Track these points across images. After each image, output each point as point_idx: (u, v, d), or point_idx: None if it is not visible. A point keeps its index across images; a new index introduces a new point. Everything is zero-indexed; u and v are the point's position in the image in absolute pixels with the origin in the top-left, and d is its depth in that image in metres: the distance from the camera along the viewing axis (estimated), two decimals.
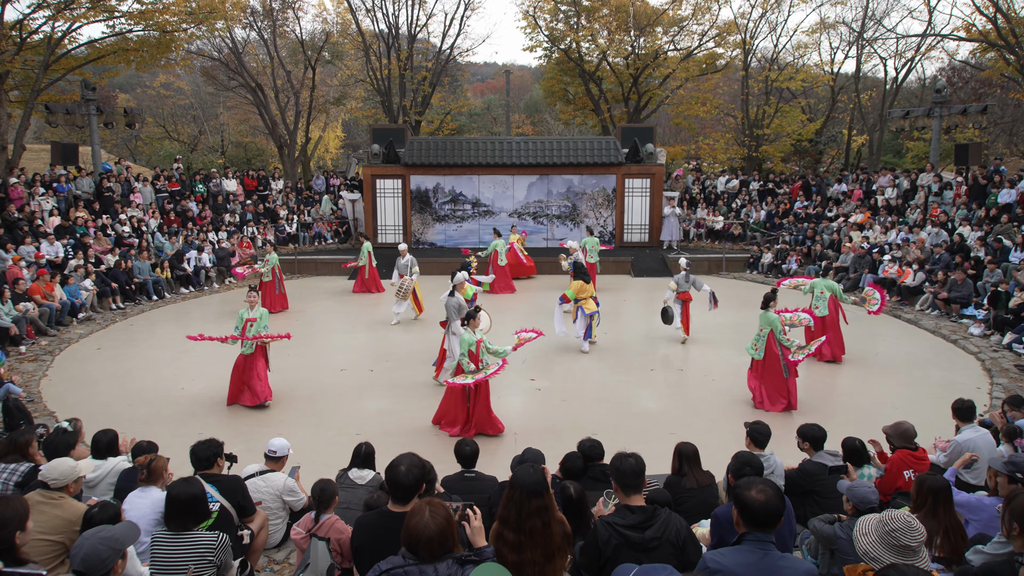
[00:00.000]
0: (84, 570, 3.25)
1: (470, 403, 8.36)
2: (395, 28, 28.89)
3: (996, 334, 12.15)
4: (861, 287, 16.31)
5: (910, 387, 10.18)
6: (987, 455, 5.67)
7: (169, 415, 9.19)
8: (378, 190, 20.90)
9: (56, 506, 4.24)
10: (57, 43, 19.19)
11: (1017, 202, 15.76)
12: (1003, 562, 3.40)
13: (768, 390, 9.20)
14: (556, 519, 3.48)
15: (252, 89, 28.16)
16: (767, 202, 22.18)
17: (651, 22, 27.88)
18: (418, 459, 3.71)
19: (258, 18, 28.12)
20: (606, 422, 8.74)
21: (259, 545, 5.22)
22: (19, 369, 10.80)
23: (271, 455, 5.80)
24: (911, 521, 3.06)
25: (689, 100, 29.02)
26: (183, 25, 21.28)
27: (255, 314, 9.48)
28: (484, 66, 55.63)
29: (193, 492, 3.99)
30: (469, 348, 8.37)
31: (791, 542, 4.46)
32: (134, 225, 17.98)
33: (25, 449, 5.42)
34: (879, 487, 5.63)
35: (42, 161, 23.68)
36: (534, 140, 21.68)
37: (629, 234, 21.15)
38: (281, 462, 5.84)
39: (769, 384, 9.20)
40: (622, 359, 11.62)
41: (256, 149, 37.78)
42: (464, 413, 8.41)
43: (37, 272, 13.66)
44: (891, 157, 33.93)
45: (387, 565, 3.02)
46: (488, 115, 44.50)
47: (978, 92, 28.38)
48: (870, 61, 32.06)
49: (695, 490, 5.21)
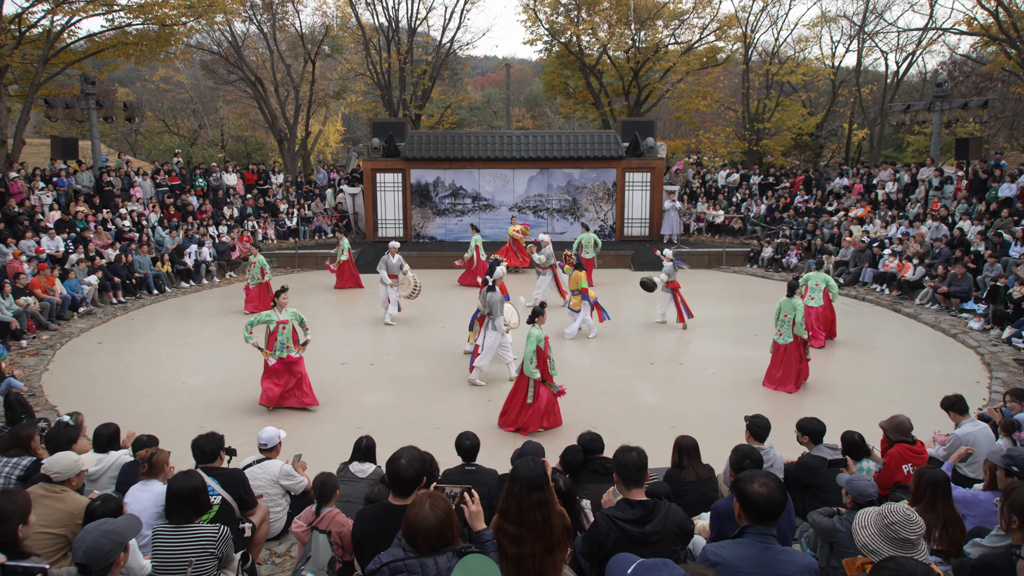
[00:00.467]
0: (86, 563, 3.26)
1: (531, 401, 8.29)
2: (395, 22, 28.83)
3: (996, 328, 12.16)
4: (863, 282, 16.36)
5: (910, 381, 10.19)
6: (986, 449, 5.68)
7: (170, 409, 9.21)
8: (378, 184, 20.88)
9: (58, 500, 4.25)
10: (56, 37, 19.15)
11: (1017, 196, 15.75)
12: (1001, 555, 3.41)
13: (784, 373, 9.68)
14: (556, 512, 3.50)
15: (252, 83, 28.12)
16: (767, 196, 22.16)
17: (652, 15, 27.82)
18: (419, 452, 3.72)
19: (257, 12, 28.07)
20: (606, 416, 8.76)
21: (260, 538, 5.24)
22: (20, 363, 10.81)
23: (263, 447, 5.86)
24: (910, 514, 3.08)
25: (690, 94, 28.98)
26: (182, 19, 21.22)
27: (286, 316, 8.97)
28: (484, 60, 55.43)
29: (193, 485, 4.01)
30: (537, 344, 8.22)
31: (790, 535, 4.48)
32: (134, 219, 17.98)
33: (27, 443, 5.44)
34: (878, 481, 5.65)
35: (42, 155, 23.67)
36: (534, 134, 21.65)
37: (629, 228, 21.14)
38: (275, 450, 5.88)
39: (786, 367, 9.67)
40: (622, 353, 11.64)
41: (256, 143, 37.75)
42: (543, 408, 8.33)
43: (38, 267, 13.67)
44: (892, 151, 33.90)
45: (388, 557, 3.03)
46: (488, 109, 44.41)
47: (979, 86, 28.34)
48: (871, 55, 32.00)
49: (695, 483, 5.22)
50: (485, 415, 8.90)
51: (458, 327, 13.22)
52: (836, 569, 4.04)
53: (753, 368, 10.68)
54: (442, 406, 9.26)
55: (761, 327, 13.12)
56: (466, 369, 10.79)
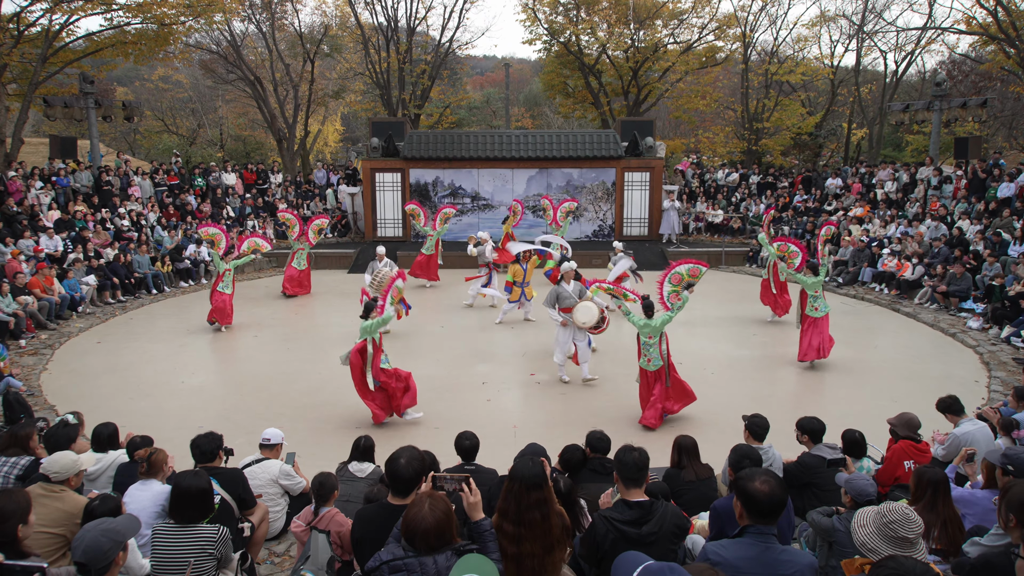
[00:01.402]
0: (85, 562, 3.26)
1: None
2: (394, 21, 28.81)
3: (994, 327, 12.17)
4: (862, 281, 16.37)
5: (909, 380, 10.20)
6: (985, 448, 5.68)
7: (169, 408, 9.21)
8: (377, 184, 20.88)
9: (57, 499, 4.25)
10: (55, 36, 19.14)
11: (1016, 195, 15.75)
12: (1000, 553, 3.42)
13: (822, 340, 10.36)
14: (555, 512, 3.50)
15: (251, 82, 28.10)
16: (767, 195, 22.17)
17: (651, 15, 27.82)
18: (418, 452, 3.72)
19: (256, 11, 28.04)
20: (605, 415, 8.76)
21: (260, 537, 5.24)
22: (19, 363, 10.80)
23: (265, 443, 5.89)
24: (908, 513, 3.08)
25: (689, 93, 28.97)
26: (181, 18, 21.21)
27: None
28: (483, 59, 55.32)
29: (201, 486, 4.01)
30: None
31: (790, 535, 4.48)
32: (133, 219, 17.96)
33: (26, 442, 5.44)
34: (880, 475, 5.66)
35: (40, 155, 23.62)
36: (534, 133, 21.65)
37: (628, 228, 21.14)
38: (276, 450, 5.91)
39: (821, 337, 10.37)
40: (621, 352, 11.63)
41: (255, 143, 37.72)
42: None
43: (37, 266, 13.66)
44: (891, 151, 33.91)
45: (388, 556, 3.03)
46: (487, 108, 44.36)
47: (978, 85, 28.35)
48: (870, 54, 31.98)
49: (694, 483, 5.23)
50: (485, 415, 8.90)
51: (458, 327, 13.23)
52: (835, 568, 4.05)
53: (753, 368, 10.69)
54: (441, 406, 9.25)
55: (760, 327, 13.14)
56: (465, 370, 10.81)
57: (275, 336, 12.78)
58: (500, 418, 8.84)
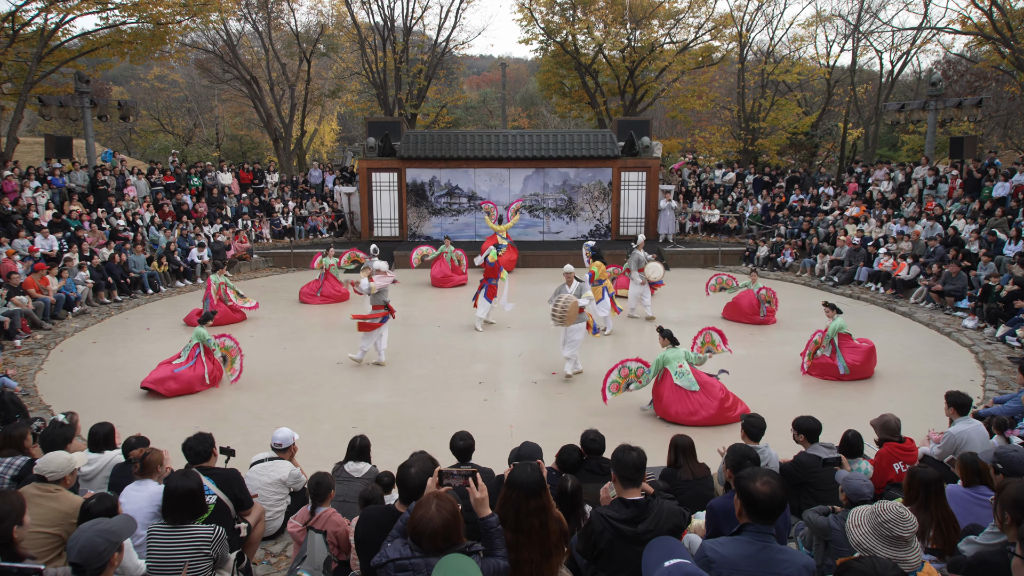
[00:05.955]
0: (81, 562, 3.25)
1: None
2: (390, 20, 28.78)
3: (989, 327, 12.21)
4: (858, 280, 16.40)
5: (904, 379, 10.22)
6: (980, 447, 5.70)
7: (165, 408, 9.19)
8: (374, 183, 20.85)
9: (52, 499, 4.23)
10: (50, 35, 19.06)
11: (1011, 195, 15.80)
12: (996, 552, 3.43)
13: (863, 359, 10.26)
14: (553, 517, 3.50)
15: (247, 82, 28.04)
16: (763, 195, 22.20)
17: (647, 15, 27.83)
18: (431, 464, 3.68)
19: (252, 10, 27.97)
20: (602, 415, 8.76)
21: (256, 538, 5.23)
22: (14, 363, 10.76)
23: (277, 447, 5.83)
24: (903, 512, 3.08)
25: (685, 93, 28.99)
26: (177, 17, 21.14)
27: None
28: (480, 59, 55.34)
29: (190, 486, 3.98)
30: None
31: (786, 534, 4.49)
32: (129, 219, 17.91)
33: (20, 443, 5.41)
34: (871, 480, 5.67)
35: (36, 154, 23.57)
36: (530, 133, 21.65)
37: (625, 227, 21.14)
38: (290, 451, 5.88)
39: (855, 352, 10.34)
40: (618, 352, 11.63)
41: (251, 142, 37.65)
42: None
43: (33, 266, 13.60)
44: (886, 150, 33.96)
45: (395, 554, 3.02)
46: (484, 108, 44.37)
47: (973, 85, 28.42)
48: (866, 54, 32.03)
49: (691, 482, 5.24)
50: (481, 415, 8.90)
51: (457, 327, 13.22)
52: (831, 567, 4.05)
53: (752, 368, 10.69)
54: (438, 405, 9.26)
55: (758, 327, 13.16)
56: (462, 369, 10.80)
57: (273, 336, 12.76)
58: (497, 418, 8.84)
